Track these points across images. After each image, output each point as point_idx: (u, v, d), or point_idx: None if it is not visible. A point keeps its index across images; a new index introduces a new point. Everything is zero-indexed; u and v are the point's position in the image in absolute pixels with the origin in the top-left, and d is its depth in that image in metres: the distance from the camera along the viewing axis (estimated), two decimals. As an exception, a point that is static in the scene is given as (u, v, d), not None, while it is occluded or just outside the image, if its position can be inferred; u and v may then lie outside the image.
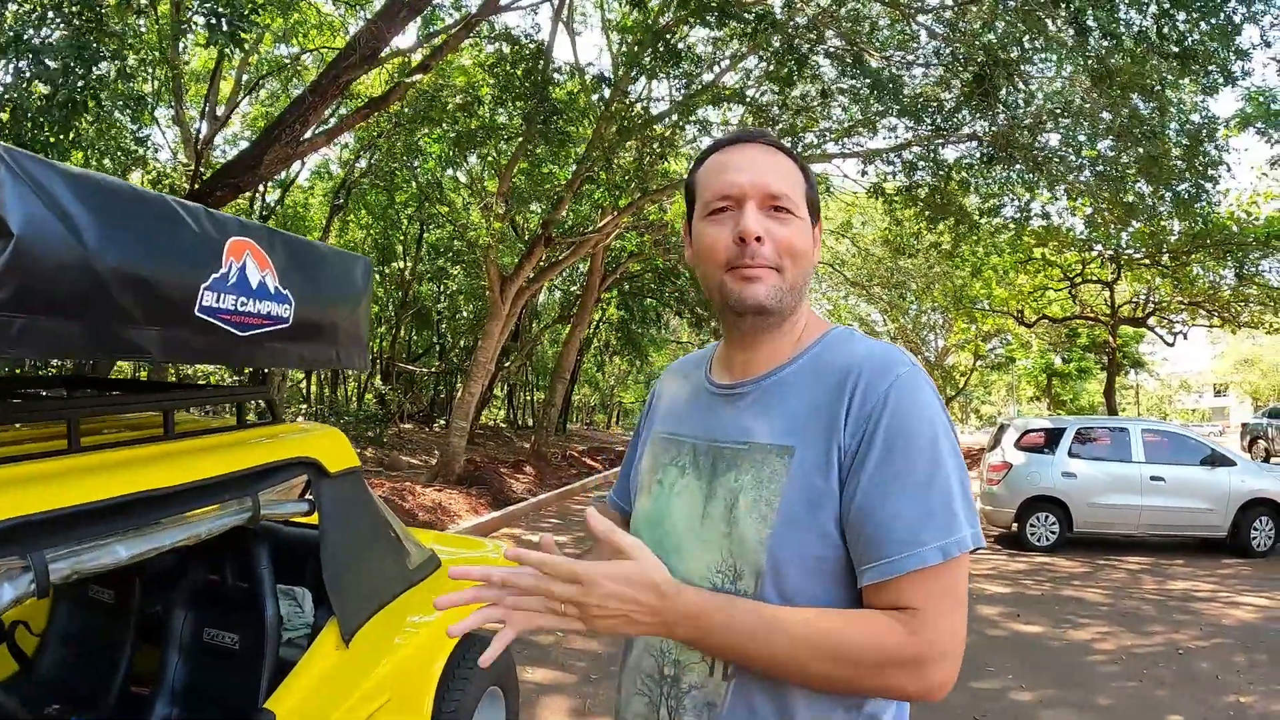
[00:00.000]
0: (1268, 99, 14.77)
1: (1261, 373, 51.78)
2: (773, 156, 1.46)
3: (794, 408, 1.39)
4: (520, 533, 11.87)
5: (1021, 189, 16.20)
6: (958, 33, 12.94)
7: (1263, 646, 7.33)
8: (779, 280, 1.40)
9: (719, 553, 1.36)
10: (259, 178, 10.10)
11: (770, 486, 1.33)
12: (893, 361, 1.35)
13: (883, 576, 1.24)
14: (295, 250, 2.69)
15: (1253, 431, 27.19)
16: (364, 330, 3.20)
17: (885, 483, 1.26)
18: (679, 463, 1.50)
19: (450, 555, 3.93)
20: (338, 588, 2.82)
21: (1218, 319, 23.04)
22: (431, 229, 24.69)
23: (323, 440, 3.02)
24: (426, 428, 26.23)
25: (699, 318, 27.96)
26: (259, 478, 2.63)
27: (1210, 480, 11.76)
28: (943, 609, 1.24)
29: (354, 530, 3.05)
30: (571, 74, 13.55)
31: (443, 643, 3.38)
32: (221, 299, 2.28)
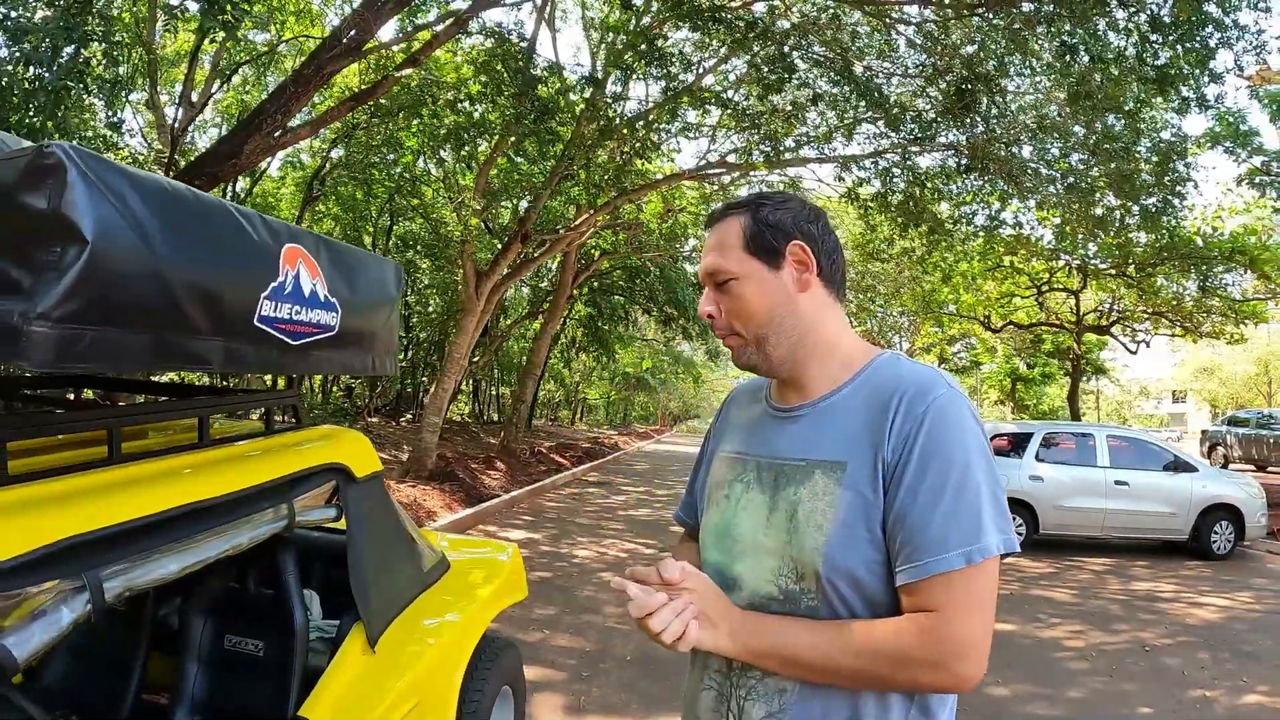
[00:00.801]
0: (1237, 119, 15.00)
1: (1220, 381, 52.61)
2: (714, 233, 1.64)
3: (846, 427, 1.51)
4: (495, 529, 11.85)
5: (993, 199, 16.35)
6: (939, 45, 13.04)
7: (1226, 645, 7.53)
8: (741, 343, 1.61)
9: (780, 559, 1.50)
10: (238, 167, 9.96)
11: (825, 499, 1.47)
12: (931, 384, 1.47)
13: (911, 579, 1.38)
14: (338, 256, 2.68)
15: (1212, 438, 27.61)
16: (395, 336, 3.20)
17: (919, 494, 1.40)
18: (744, 479, 1.63)
19: (457, 557, 3.92)
20: (365, 593, 2.80)
21: (1180, 329, 23.34)
22: (401, 222, 24.53)
23: (350, 445, 3.01)
24: (394, 422, 26.04)
25: (667, 316, 27.97)
26: (293, 485, 2.62)
27: (1172, 485, 12.09)
28: (962, 610, 1.36)
29: (378, 535, 3.04)
30: (554, 72, 13.47)
31: (464, 645, 3.40)
32: (278, 308, 2.26)
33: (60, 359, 1.63)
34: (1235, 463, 25.15)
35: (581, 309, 31.13)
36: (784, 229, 1.59)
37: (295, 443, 2.83)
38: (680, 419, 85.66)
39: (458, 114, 13.70)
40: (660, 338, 43.10)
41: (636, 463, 28.29)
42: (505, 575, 3.98)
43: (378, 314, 2.99)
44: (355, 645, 2.76)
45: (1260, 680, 6.56)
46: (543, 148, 13.56)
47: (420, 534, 3.59)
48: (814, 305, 1.60)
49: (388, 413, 27.67)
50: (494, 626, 3.72)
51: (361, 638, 2.78)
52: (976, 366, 41.42)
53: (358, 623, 2.80)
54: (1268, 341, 45.90)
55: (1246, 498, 12.12)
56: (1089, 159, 14.49)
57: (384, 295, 3.03)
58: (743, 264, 1.58)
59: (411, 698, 2.89)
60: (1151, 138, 14.46)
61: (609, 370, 50.27)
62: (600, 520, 13.70)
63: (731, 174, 17.39)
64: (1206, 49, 10.98)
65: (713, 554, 1.65)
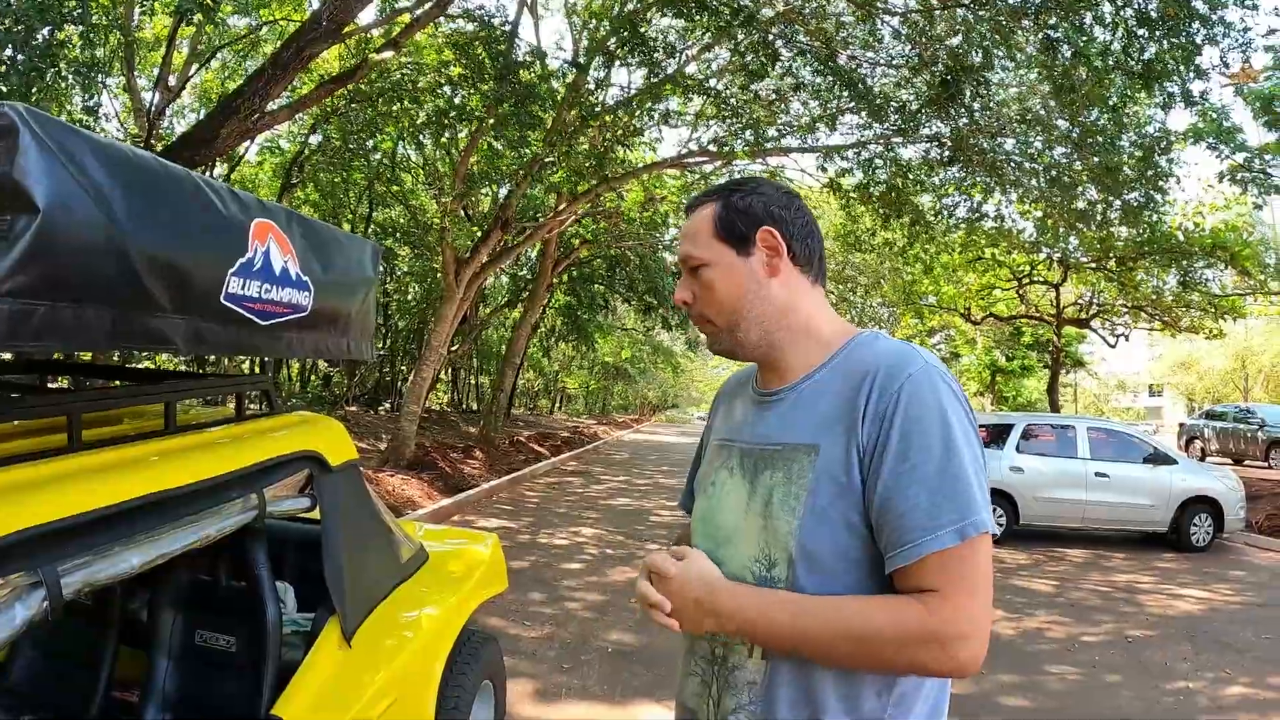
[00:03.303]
0: (1220, 116, 15.05)
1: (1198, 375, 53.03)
2: (689, 221, 1.64)
3: (822, 409, 1.50)
4: (474, 519, 11.76)
5: (976, 191, 16.36)
6: (924, 36, 13.01)
7: (1207, 637, 7.55)
8: (714, 329, 1.62)
9: (757, 545, 1.48)
10: (215, 152, 9.83)
11: (799, 482, 1.45)
12: (906, 360, 1.44)
13: (905, 561, 1.34)
14: (311, 233, 2.55)
15: (1189, 432, 27.90)
16: (372, 319, 3.09)
17: (903, 474, 1.36)
18: (728, 465, 1.63)
19: (436, 547, 3.82)
20: (340, 585, 2.69)
21: (1159, 323, 23.45)
22: (380, 209, 24.36)
23: (324, 433, 2.89)
24: (372, 411, 25.91)
25: (647, 305, 27.96)
26: (264, 474, 2.50)
27: (1152, 478, 12.20)
28: (962, 588, 1.32)
29: (354, 525, 2.92)
30: (537, 57, 13.35)
31: (444, 638, 3.30)
32: (247, 286, 2.14)
33: (9, 337, 1.51)
34: (1212, 456, 25.41)
35: (561, 298, 31.09)
36: (754, 215, 1.59)
37: (267, 430, 2.71)
38: (659, 408, 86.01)
39: (437, 98, 13.54)
40: (640, 327, 43.12)
41: (616, 452, 28.31)
42: (485, 566, 3.87)
43: (353, 295, 2.87)
44: (330, 640, 2.65)
45: (1242, 672, 6.56)
46: (523, 133, 13.42)
47: (398, 524, 3.48)
48: (786, 290, 1.59)
49: (366, 401, 27.54)
50: (472, 619, 3.61)
51: (337, 632, 2.67)
52: (956, 358, 41.52)
53: (333, 616, 2.69)
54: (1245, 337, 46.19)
55: (1226, 491, 12.21)
56: (1072, 153, 14.54)
57: (361, 275, 2.92)
58: (713, 251, 1.59)
59: (389, 693, 2.79)
60: (1135, 132, 14.50)
61: (588, 359, 50.32)
62: (579, 510, 13.64)
63: (713, 163, 17.31)
64: (1192, 45, 11.01)
65: (700, 541, 1.63)
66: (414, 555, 3.44)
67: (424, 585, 3.40)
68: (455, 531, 4.61)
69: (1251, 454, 24.29)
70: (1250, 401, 38.19)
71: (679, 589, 1.48)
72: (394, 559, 3.24)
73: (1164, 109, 12.84)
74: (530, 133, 13.61)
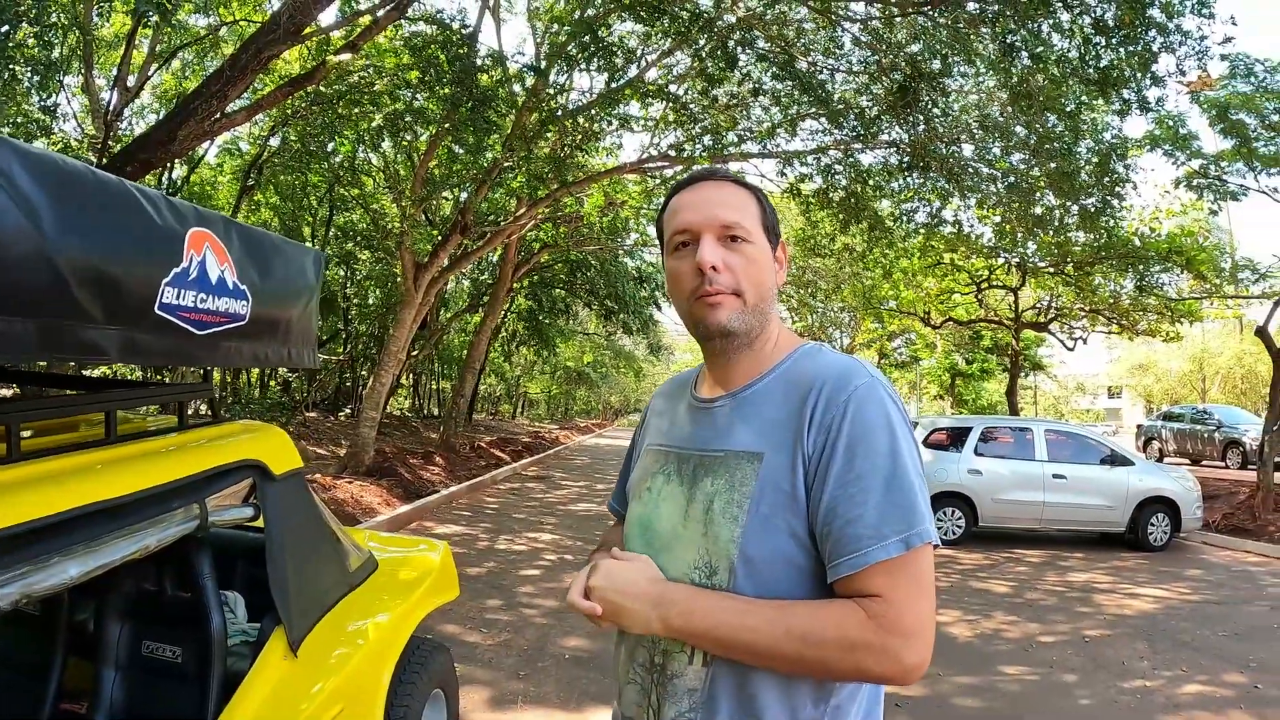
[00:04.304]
0: (1176, 123, 15.25)
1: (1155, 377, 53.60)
2: (724, 190, 1.59)
3: (765, 418, 1.52)
4: (433, 525, 11.70)
5: (934, 196, 16.48)
6: (883, 43, 13.09)
7: (1164, 635, 7.66)
8: (739, 304, 1.54)
9: (697, 551, 1.48)
10: (172, 154, 9.71)
11: (741, 490, 1.46)
12: (851, 373, 1.47)
13: (851, 570, 1.35)
14: (250, 241, 2.53)
15: (1147, 433, 28.46)
16: (314, 327, 3.07)
17: (849, 484, 1.38)
18: (665, 470, 1.63)
19: (388, 555, 3.80)
20: (285, 595, 2.67)
21: (1117, 326, 23.68)
22: (341, 212, 24.20)
23: (267, 441, 2.87)
24: (331, 416, 25.74)
25: (609, 310, 27.95)
26: (206, 483, 2.47)
27: (1110, 479, 12.40)
28: (906, 595, 1.34)
29: (299, 534, 2.90)
30: (497, 62, 13.30)
31: (392, 647, 3.28)
32: (182, 295, 2.11)
33: (-68, 347, 1.49)
34: (1170, 457, 25.98)
35: (522, 302, 31.03)
36: (774, 227, 1.64)
37: (210, 439, 2.68)
38: (621, 413, 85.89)
39: (396, 101, 13.47)
40: (601, 331, 43.16)
41: (577, 457, 28.27)
42: (436, 574, 3.85)
43: (294, 303, 2.85)
44: (276, 650, 2.62)
45: (1199, 670, 6.66)
46: (480, 138, 13.37)
47: (346, 533, 3.45)
48: (775, 301, 1.63)
49: (326, 407, 27.34)
50: (426, 627, 3.59)
51: (283, 642, 2.64)
52: (916, 362, 41.88)
53: (279, 627, 2.66)
54: (1202, 339, 46.87)
55: (1182, 491, 12.42)
56: (1029, 159, 14.67)
57: (302, 283, 2.89)
58: (758, 234, 1.58)
59: (336, 703, 2.76)
60: (1092, 139, 14.66)
61: (550, 364, 50.23)
62: (539, 515, 13.60)
63: (673, 167, 17.32)
64: (1149, 53, 11.14)
65: (635, 547, 1.61)
66: (362, 564, 3.41)
67: (372, 594, 3.37)
68: (406, 539, 4.60)
69: (1209, 454, 24.80)
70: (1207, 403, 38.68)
71: (627, 587, 1.48)
72: (341, 568, 3.21)
73: (1121, 115, 12.97)
74: (488, 137, 13.56)
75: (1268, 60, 13.64)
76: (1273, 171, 14.83)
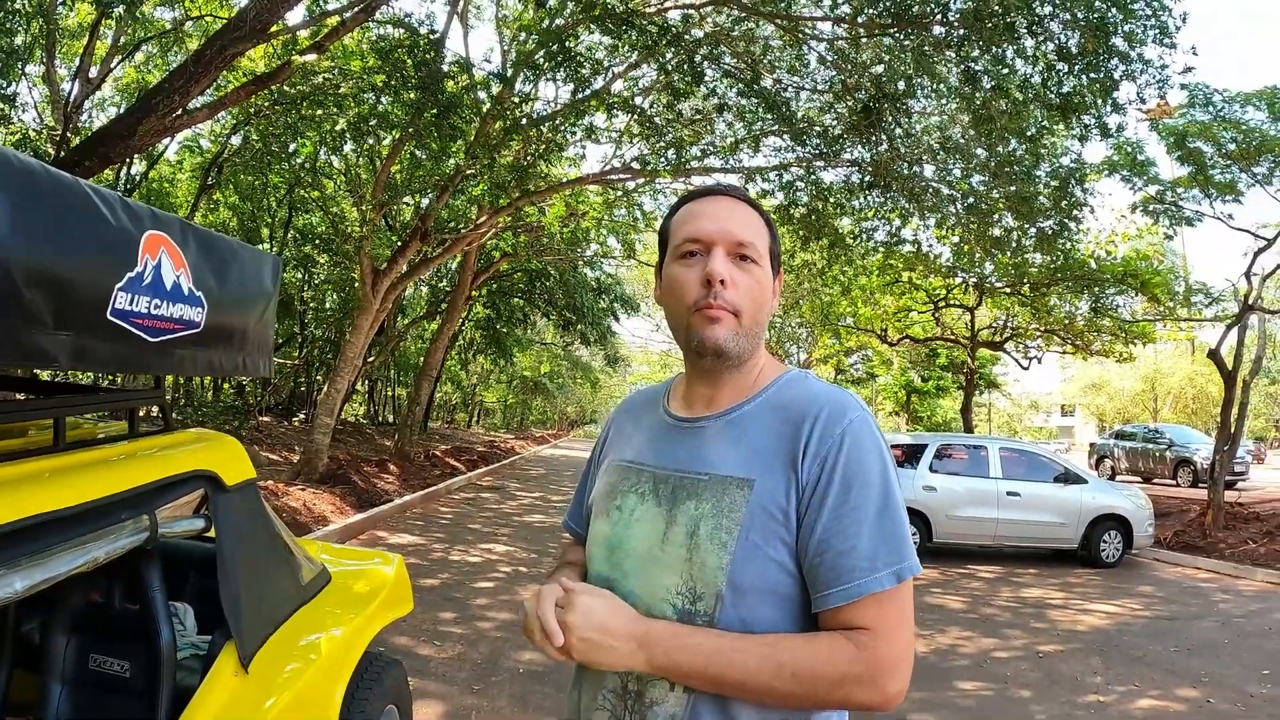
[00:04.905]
0: (1135, 149, 15.47)
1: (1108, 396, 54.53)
2: (742, 209, 1.57)
3: (753, 443, 1.49)
4: (387, 535, 11.58)
5: (895, 215, 16.59)
6: (849, 63, 13.17)
7: (1117, 651, 7.73)
8: (737, 325, 1.51)
9: (679, 576, 1.44)
10: (131, 149, 9.56)
11: (730, 516, 1.42)
12: (846, 406, 1.47)
13: (843, 601, 1.36)
14: (207, 246, 2.47)
15: (1099, 451, 29.04)
16: (270, 334, 3.00)
17: (843, 517, 1.38)
18: (638, 490, 1.57)
19: (341, 568, 3.72)
20: (236, 610, 2.59)
21: (1071, 346, 23.96)
22: (300, 214, 23.97)
23: (220, 451, 2.79)
24: (286, 421, 25.43)
25: (567, 320, 27.91)
26: (156, 494, 2.39)
27: (1063, 496, 12.56)
28: (893, 628, 1.37)
29: (251, 547, 2.82)
30: (463, 69, 13.23)
31: (345, 662, 3.20)
32: (135, 301, 2.05)
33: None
34: (1122, 474, 26.55)
35: (480, 311, 30.89)
36: (779, 257, 1.64)
37: (161, 448, 2.61)
38: (578, 424, 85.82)
39: (360, 105, 13.35)
40: (559, 342, 43.06)
41: (532, 468, 28.15)
42: (390, 588, 3.77)
43: (250, 310, 2.79)
44: (227, 666, 2.54)
45: (1152, 685, 6.72)
46: (444, 144, 13.29)
47: (299, 544, 3.38)
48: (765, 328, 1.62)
49: (281, 411, 27.02)
50: (379, 640, 3.52)
51: (233, 658, 2.56)
52: (872, 378, 42.16)
53: (229, 642, 2.59)
54: (1154, 360, 47.70)
55: (1134, 509, 12.59)
56: (989, 181, 14.82)
57: (258, 290, 2.83)
58: (765, 261, 1.58)
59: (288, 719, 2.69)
60: (1052, 163, 14.84)
61: (507, 373, 50.02)
62: (494, 526, 13.50)
63: (636, 180, 17.31)
64: (1110, 80, 11.28)
65: (601, 568, 1.57)
66: (315, 577, 3.34)
67: (325, 608, 3.30)
68: (359, 552, 4.52)
69: (1160, 473, 25.33)
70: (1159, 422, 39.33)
71: (608, 626, 1.42)
72: (294, 581, 3.13)
73: (1081, 140, 13.14)
74: (452, 144, 13.48)
75: (1226, 90, 13.89)
76: (1228, 198, 15.07)
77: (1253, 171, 14.48)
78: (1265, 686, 6.79)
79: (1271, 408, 58.21)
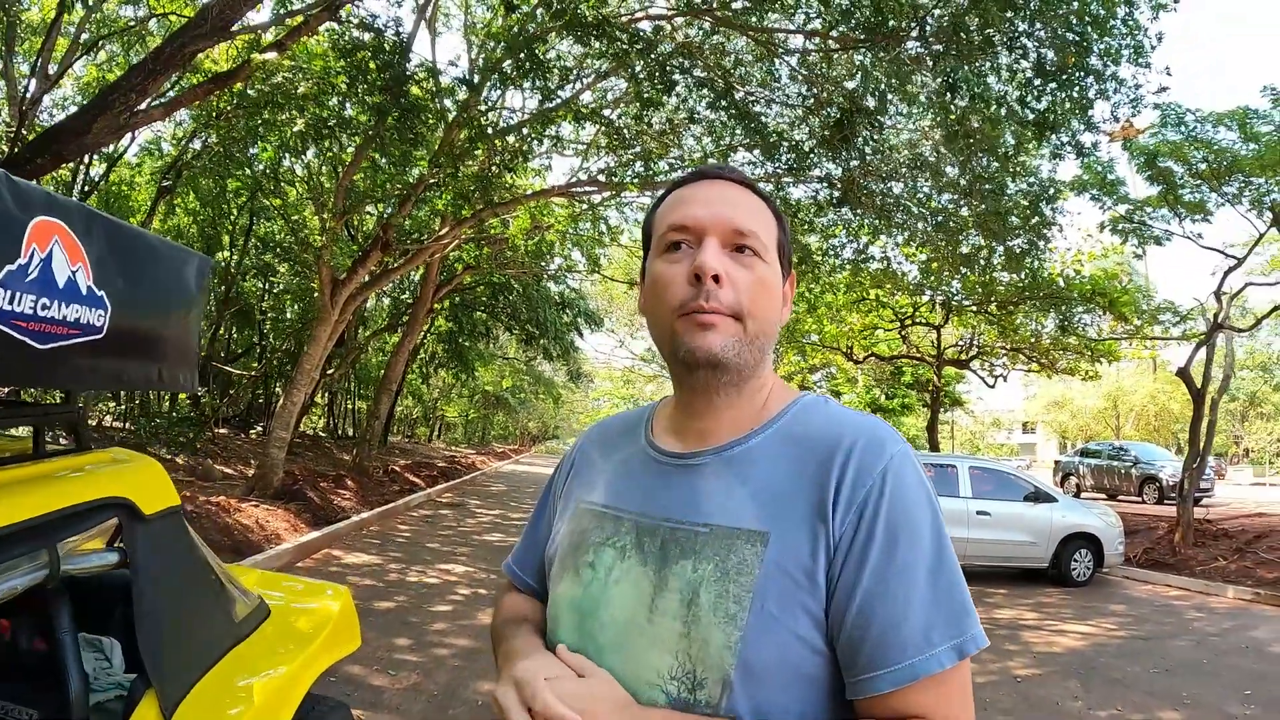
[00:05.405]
0: (1105, 169, 15.53)
1: (1071, 414, 55.37)
2: (741, 193, 1.28)
3: (765, 486, 1.18)
4: (342, 554, 11.23)
5: (863, 232, 16.56)
6: (821, 77, 13.10)
7: (1095, 673, 7.62)
8: (737, 330, 1.20)
9: (674, 656, 1.12)
10: (86, 147, 9.33)
11: (740, 580, 1.11)
12: (885, 438, 1.17)
13: (893, 686, 1.06)
14: (117, 239, 2.14)
15: (1065, 469, 29.47)
16: (194, 343, 2.67)
17: (889, 580, 1.09)
18: (617, 543, 1.25)
19: (279, 602, 3.39)
20: (156, 655, 2.27)
21: (1037, 364, 24.10)
22: (261, 221, 23.64)
23: (137, 475, 2.46)
24: (243, 434, 25.01)
25: (529, 334, 27.81)
26: (59, 525, 2.08)
27: (1033, 515, 12.56)
28: (955, 715, 1.09)
29: (173, 583, 2.50)
30: (429, 74, 12.99)
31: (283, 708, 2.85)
32: (19, 299, 1.74)
33: None
34: (1087, 492, 26.93)
35: (442, 323, 30.67)
36: (790, 254, 1.35)
37: (69, 470, 2.28)
38: (540, 439, 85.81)
39: (320, 106, 13.05)
40: (521, 356, 43.00)
41: (493, 484, 27.95)
42: (334, 623, 3.43)
43: (168, 315, 2.46)
44: (147, 716, 2.22)
45: (1133, 708, 6.60)
46: (407, 150, 13.03)
47: (231, 576, 3.05)
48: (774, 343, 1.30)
49: (238, 424, 26.58)
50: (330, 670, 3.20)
51: (154, 708, 2.23)
52: (837, 396, 42.17)
53: (149, 690, 2.26)
54: (1117, 377, 48.40)
55: (1105, 527, 12.63)
56: (959, 198, 14.87)
57: (180, 292, 2.51)
58: (771, 253, 1.27)
59: (217, 777, 2.37)
60: (1024, 181, 14.87)
61: (468, 388, 49.83)
62: (453, 545, 13.20)
63: (602, 193, 17.15)
64: (1086, 98, 11.31)
65: (568, 637, 1.24)
66: (251, 612, 3.01)
67: (263, 646, 2.96)
68: (304, 582, 4.16)
69: (1125, 489, 25.72)
70: (1123, 439, 39.77)
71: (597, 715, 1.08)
72: (226, 618, 2.81)
73: (1055, 158, 13.18)
74: (415, 151, 13.25)
75: (1199, 110, 13.97)
76: (1197, 218, 15.14)
77: (1223, 191, 14.53)
78: (1248, 707, 6.72)
79: (1232, 424, 59.20)
